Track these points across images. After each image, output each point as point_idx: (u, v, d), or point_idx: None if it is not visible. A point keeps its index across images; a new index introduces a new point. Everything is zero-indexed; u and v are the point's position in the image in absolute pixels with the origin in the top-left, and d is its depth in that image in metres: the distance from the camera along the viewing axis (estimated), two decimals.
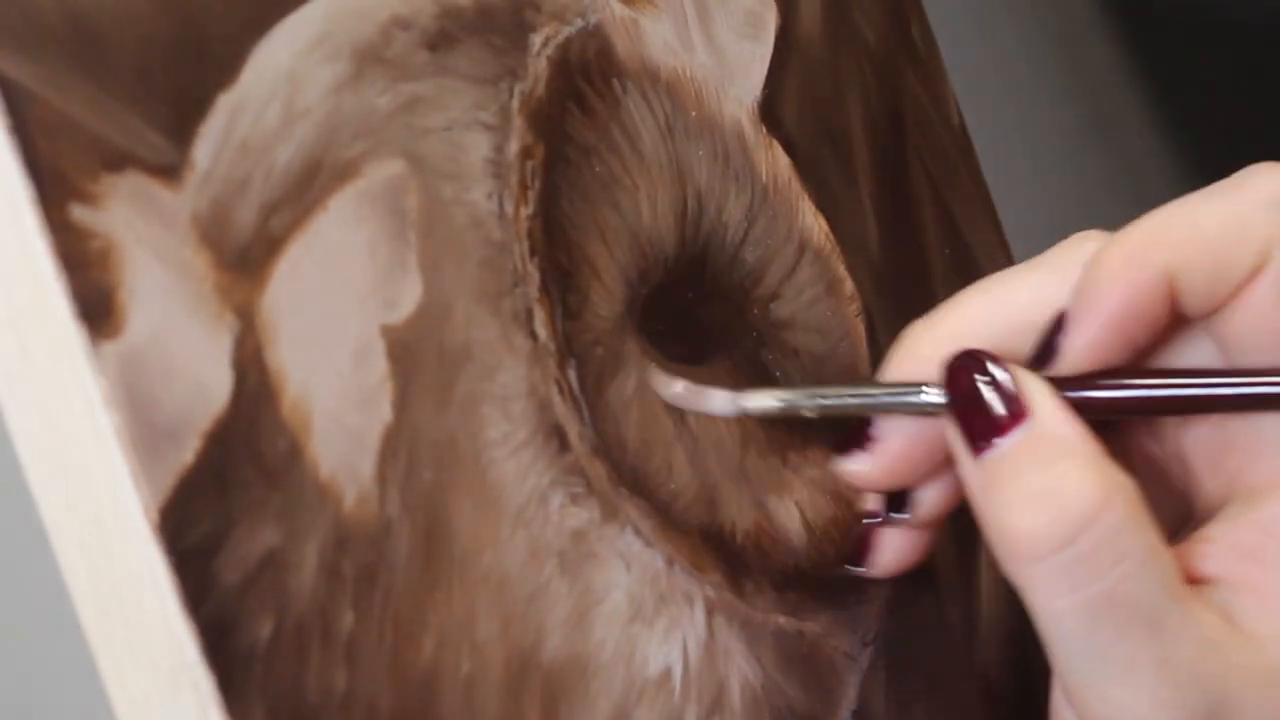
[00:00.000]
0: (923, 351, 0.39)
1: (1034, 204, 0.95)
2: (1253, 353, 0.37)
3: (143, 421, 0.31)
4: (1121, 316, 0.37)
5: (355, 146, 0.36)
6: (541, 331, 0.38)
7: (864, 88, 0.50)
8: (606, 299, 0.40)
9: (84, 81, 0.32)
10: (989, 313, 0.39)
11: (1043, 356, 0.38)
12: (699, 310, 0.43)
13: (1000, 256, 0.53)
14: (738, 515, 0.41)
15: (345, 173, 0.35)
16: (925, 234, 0.50)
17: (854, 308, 0.46)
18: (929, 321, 0.39)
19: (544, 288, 0.39)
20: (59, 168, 0.31)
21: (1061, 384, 0.37)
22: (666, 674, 0.39)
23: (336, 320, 0.35)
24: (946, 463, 0.39)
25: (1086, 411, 0.37)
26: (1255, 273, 0.37)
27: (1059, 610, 0.35)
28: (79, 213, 0.31)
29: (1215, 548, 0.37)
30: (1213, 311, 0.37)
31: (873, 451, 0.40)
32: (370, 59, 0.37)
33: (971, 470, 0.36)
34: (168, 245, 0.32)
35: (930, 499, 0.41)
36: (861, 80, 0.50)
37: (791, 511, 0.43)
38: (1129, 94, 1.07)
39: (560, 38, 0.41)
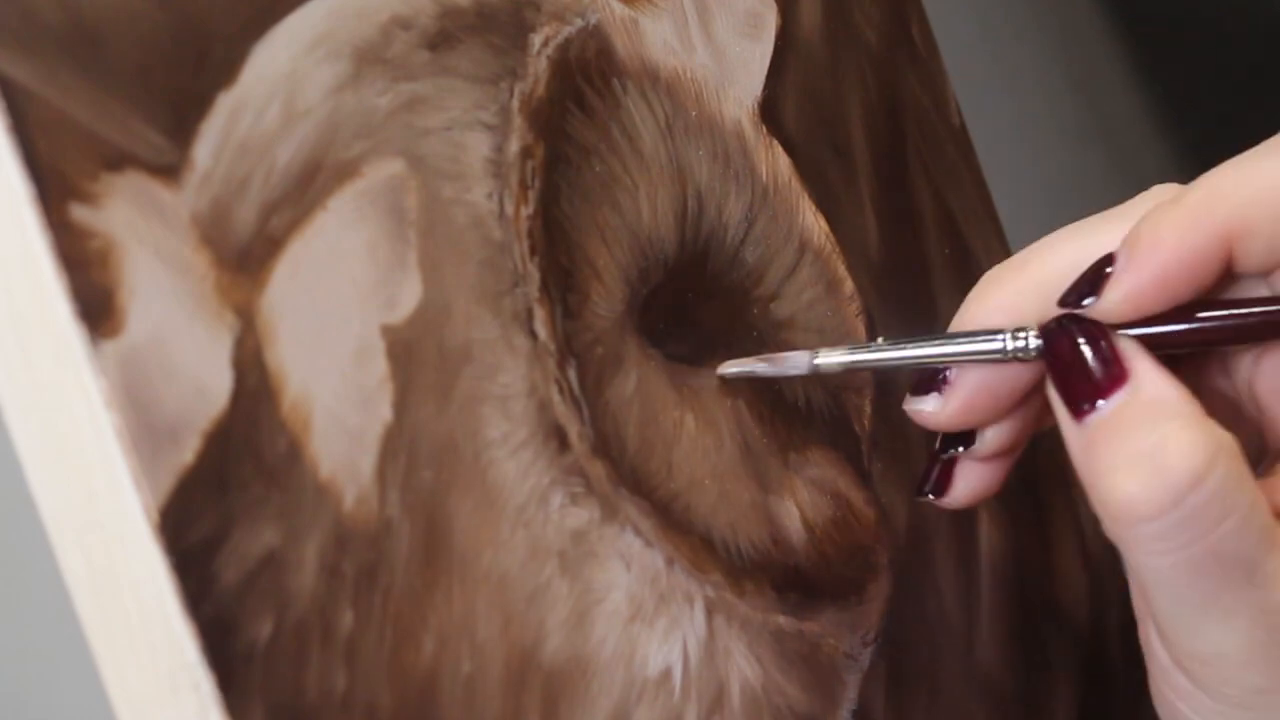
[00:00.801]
0: (1003, 298, 0.39)
1: (1034, 204, 0.95)
2: None
3: (143, 421, 0.31)
4: (1167, 272, 0.37)
5: (355, 146, 0.36)
6: (541, 331, 0.38)
7: (864, 88, 0.50)
8: (606, 298, 0.40)
9: (84, 81, 0.32)
10: (1068, 261, 0.38)
11: (1077, 295, 0.38)
12: (699, 310, 0.43)
13: (1000, 256, 0.53)
14: (738, 515, 0.41)
15: (345, 172, 0.35)
16: (925, 234, 0.50)
17: (854, 307, 0.46)
18: (1009, 266, 0.39)
19: (544, 287, 0.39)
20: (59, 167, 0.31)
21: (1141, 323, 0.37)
22: (666, 674, 0.39)
23: (336, 320, 0.35)
24: (1016, 405, 0.40)
25: (1168, 345, 0.37)
26: None
27: (1161, 566, 0.36)
28: (79, 212, 0.31)
29: None
30: (1273, 269, 0.37)
31: (946, 394, 0.40)
32: (370, 59, 0.37)
33: (1073, 431, 0.37)
34: (168, 245, 0.32)
35: (997, 437, 0.41)
36: (861, 80, 0.50)
37: (791, 511, 0.43)
38: (1129, 94, 1.07)
39: (560, 37, 0.41)
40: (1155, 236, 0.37)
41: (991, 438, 0.41)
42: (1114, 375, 0.36)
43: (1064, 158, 1.02)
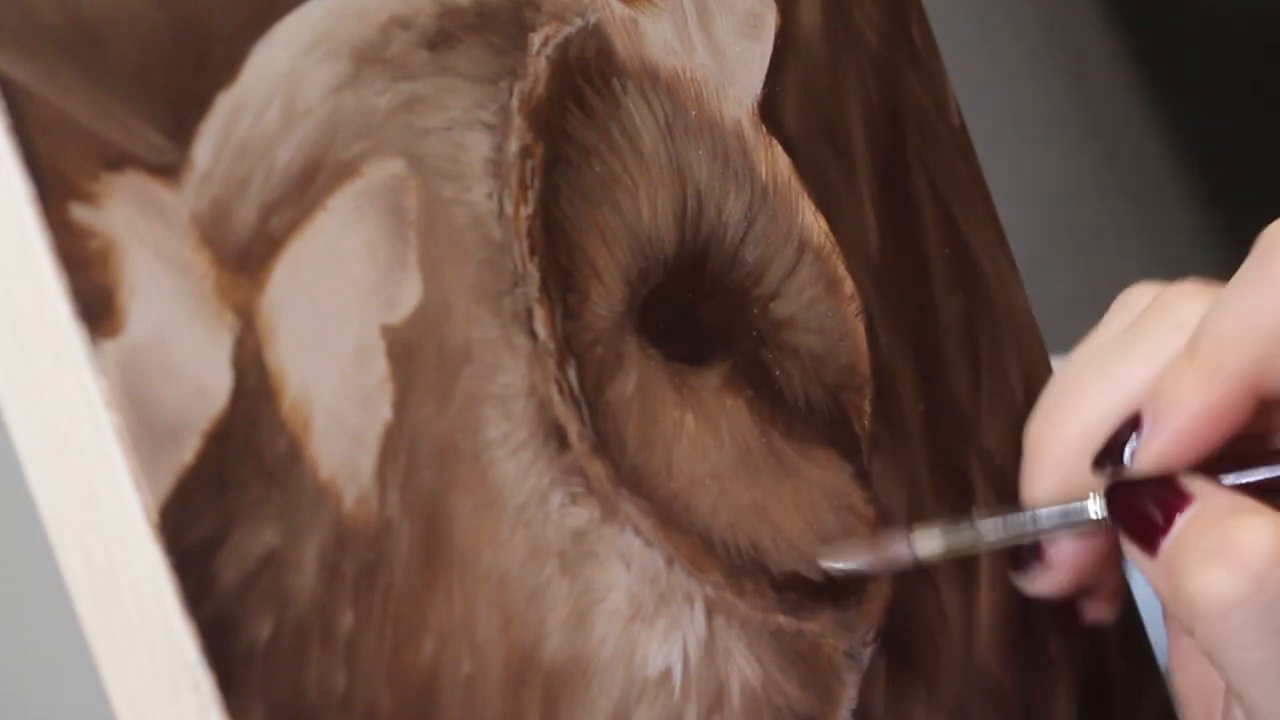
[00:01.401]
0: (1058, 459, 0.41)
1: (1034, 204, 0.95)
2: None
3: (143, 421, 0.31)
4: (1197, 429, 0.38)
5: (355, 146, 0.36)
6: (541, 331, 0.38)
7: (864, 88, 0.50)
8: (606, 298, 0.40)
9: (84, 81, 0.32)
10: (1105, 403, 0.40)
11: (1110, 456, 0.39)
12: (699, 309, 0.43)
13: (1000, 256, 0.53)
14: (737, 515, 0.41)
15: (345, 172, 0.35)
16: (925, 234, 0.50)
17: (854, 307, 0.46)
18: (1050, 423, 0.41)
19: (544, 287, 0.39)
20: (59, 167, 0.31)
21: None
22: (666, 674, 0.39)
23: (336, 320, 0.35)
24: (1119, 558, 0.42)
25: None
26: None
27: (1255, 663, 0.36)
28: (79, 212, 0.31)
29: None
30: None
31: (1051, 567, 0.42)
32: (370, 59, 0.37)
33: (1152, 569, 0.38)
34: (168, 244, 0.32)
35: (1113, 582, 0.44)
36: (861, 80, 0.50)
37: (791, 511, 0.43)
38: (1129, 94, 1.07)
39: (560, 37, 0.41)
40: (1177, 401, 0.38)
41: (1110, 584, 0.44)
42: (1176, 501, 0.37)
43: (1064, 158, 1.02)
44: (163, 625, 0.31)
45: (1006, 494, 0.50)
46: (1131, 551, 0.38)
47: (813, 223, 0.46)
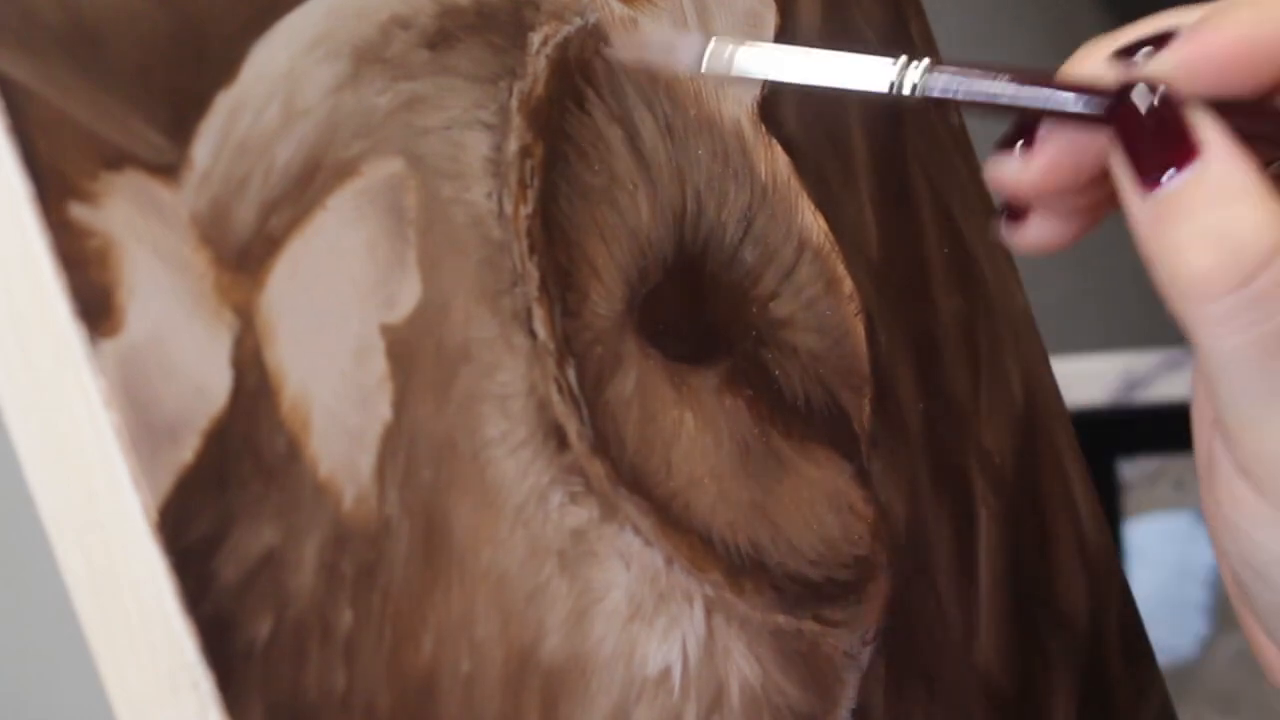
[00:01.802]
0: (1093, 63, 0.37)
1: None
2: None
3: (142, 420, 0.31)
4: (1233, 52, 0.36)
5: (354, 146, 0.36)
6: (540, 330, 0.38)
7: None
8: (606, 298, 0.40)
9: (84, 80, 0.32)
10: (1146, 29, 0.37)
11: (1130, 52, 0.37)
12: (698, 309, 0.43)
13: (1000, 257, 0.53)
14: (737, 514, 0.42)
15: (344, 172, 0.35)
16: (924, 234, 0.50)
17: (853, 306, 0.46)
18: (1084, 49, 0.38)
19: (543, 286, 0.39)
20: (58, 166, 0.31)
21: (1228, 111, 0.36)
22: (666, 673, 0.39)
23: (336, 319, 0.35)
24: (1096, 179, 0.38)
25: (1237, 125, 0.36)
26: None
27: (1230, 348, 0.35)
28: (78, 211, 0.31)
29: None
30: None
31: (1031, 154, 0.38)
32: (370, 58, 0.37)
33: (1139, 205, 0.36)
34: (167, 244, 0.32)
35: (1078, 204, 0.39)
36: None
37: (790, 510, 0.43)
38: None
39: (559, 36, 0.41)
40: (1223, 20, 0.36)
41: (1076, 204, 0.39)
42: (1185, 148, 0.35)
43: None
44: (162, 624, 0.31)
45: (1006, 493, 0.50)
46: (1121, 172, 0.36)
47: (812, 222, 0.46)
